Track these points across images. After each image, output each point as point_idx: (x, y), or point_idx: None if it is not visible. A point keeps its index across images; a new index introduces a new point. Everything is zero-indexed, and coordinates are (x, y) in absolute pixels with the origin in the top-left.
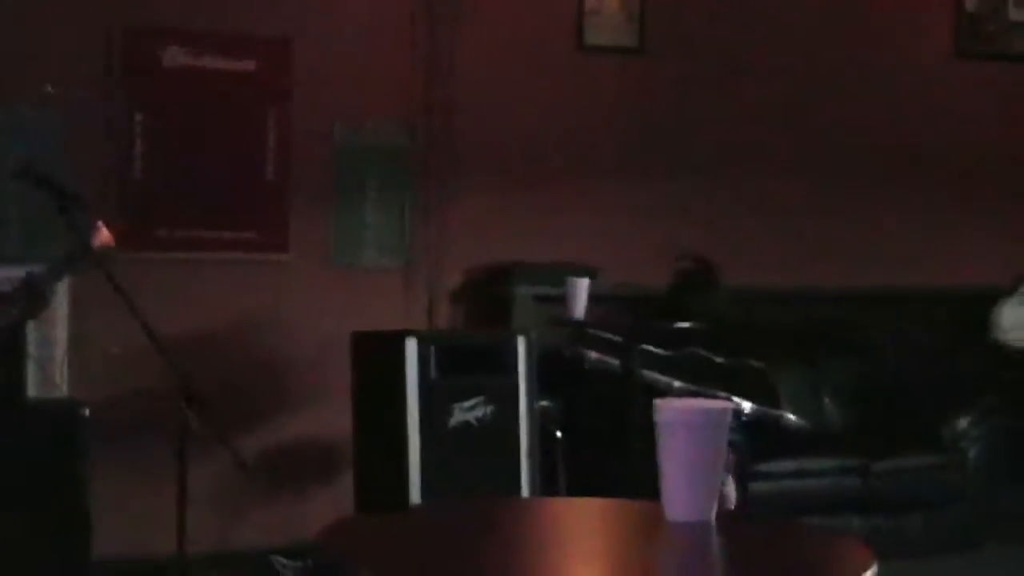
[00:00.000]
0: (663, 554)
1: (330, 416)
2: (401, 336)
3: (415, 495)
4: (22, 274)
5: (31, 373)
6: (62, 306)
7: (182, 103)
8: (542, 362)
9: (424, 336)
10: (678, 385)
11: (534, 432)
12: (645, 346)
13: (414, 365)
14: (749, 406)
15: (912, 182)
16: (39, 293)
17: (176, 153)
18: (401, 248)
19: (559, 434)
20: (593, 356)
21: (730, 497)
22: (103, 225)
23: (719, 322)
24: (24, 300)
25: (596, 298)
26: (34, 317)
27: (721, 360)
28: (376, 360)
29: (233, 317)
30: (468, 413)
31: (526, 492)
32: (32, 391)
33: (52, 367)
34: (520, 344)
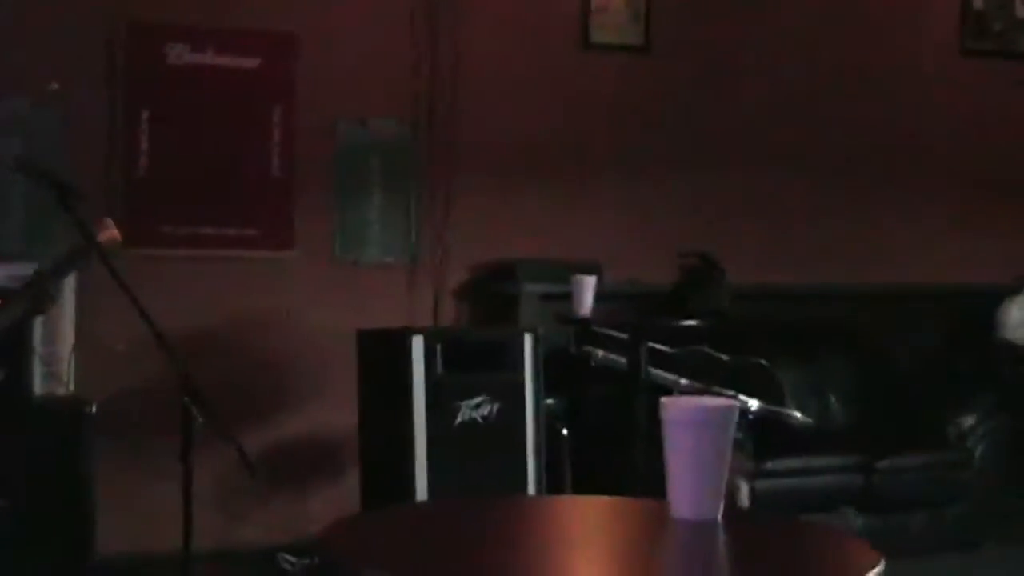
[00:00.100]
0: (669, 552)
1: (335, 413)
2: (407, 333)
3: (421, 492)
4: (28, 271)
5: (37, 370)
6: (68, 303)
7: (186, 100)
8: (548, 360)
9: (430, 333)
10: (684, 383)
11: (540, 430)
12: (651, 344)
13: (420, 362)
14: (755, 404)
15: (915, 181)
16: (45, 290)
17: (180, 150)
18: (406, 245)
19: (565, 432)
20: (600, 354)
21: (743, 497)
22: (111, 222)
23: (723, 318)
24: (31, 297)
25: (600, 295)
26: (41, 314)
27: (727, 358)
28: (382, 357)
29: (238, 314)
30: (474, 411)
31: (532, 490)
32: (38, 388)
33: (58, 364)
34: (527, 342)
